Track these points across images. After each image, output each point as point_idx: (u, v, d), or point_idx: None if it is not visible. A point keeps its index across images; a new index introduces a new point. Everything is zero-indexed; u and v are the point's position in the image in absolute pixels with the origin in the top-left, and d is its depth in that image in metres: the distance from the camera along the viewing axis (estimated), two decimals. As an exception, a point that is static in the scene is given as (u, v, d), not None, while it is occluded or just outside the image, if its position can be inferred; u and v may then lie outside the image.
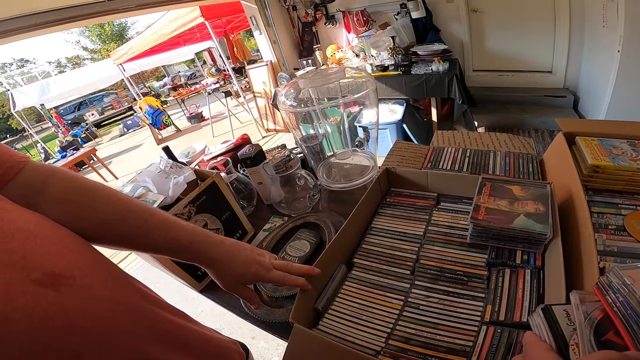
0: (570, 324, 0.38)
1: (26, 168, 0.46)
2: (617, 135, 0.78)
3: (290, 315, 0.54)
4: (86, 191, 0.49)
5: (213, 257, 0.55)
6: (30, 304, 0.33)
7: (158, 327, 0.47)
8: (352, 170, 1.07)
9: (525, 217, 0.60)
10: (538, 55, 3.12)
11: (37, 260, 0.36)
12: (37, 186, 0.45)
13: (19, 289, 0.33)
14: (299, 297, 0.57)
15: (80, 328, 0.36)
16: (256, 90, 4.52)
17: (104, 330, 0.38)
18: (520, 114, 3.10)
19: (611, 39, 2.23)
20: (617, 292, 0.35)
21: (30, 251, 0.36)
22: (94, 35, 17.90)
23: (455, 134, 1.07)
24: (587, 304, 0.38)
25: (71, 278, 0.38)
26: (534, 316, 0.41)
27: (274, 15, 3.94)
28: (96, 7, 2.51)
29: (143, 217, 0.51)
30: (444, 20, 3.38)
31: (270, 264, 0.58)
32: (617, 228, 0.61)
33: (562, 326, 0.38)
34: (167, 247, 0.52)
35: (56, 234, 0.41)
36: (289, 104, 0.94)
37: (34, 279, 0.34)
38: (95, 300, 0.39)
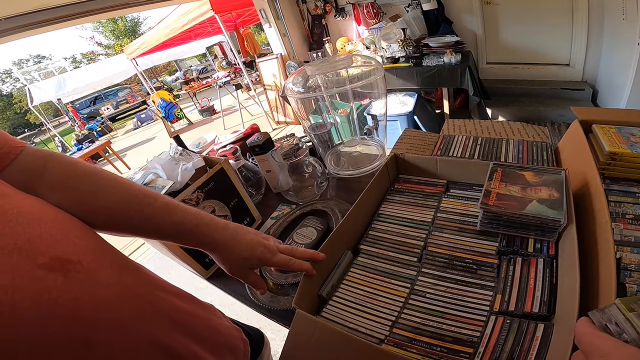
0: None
1: (24, 153, 0.45)
2: (636, 123, 0.75)
3: (293, 301, 0.53)
4: (86, 176, 0.48)
5: (218, 240, 0.54)
6: (39, 291, 0.32)
7: (166, 313, 0.46)
8: (360, 158, 1.06)
9: (538, 203, 0.58)
10: (555, 48, 3.03)
11: (42, 245, 0.35)
12: (36, 171, 0.45)
13: (27, 275, 0.32)
14: (302, 282, 0.56)
15: (90, 315, 0.35)
16: (266, 83, 4.52)
17: (113, 316, 0.37)
18: (536, 107, 3.01)
19: (631, 32, 2.16)
20: None
21: (35, 236, 0.35)
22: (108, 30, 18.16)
23: (467, 122, 1.04)
24: None
25: (78, 263, 0.37)
26: (613, 313, 0.34)
27: (284, 8, 3.92)
28: (108, 2, 2.54)
29: (146, 201, 0.50)
30: (456, 12, 3.30)
31: (275, 248, 0.57)
32: (634, 217, 0.58)
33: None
34: (172, 231, 0.51)
35: (59, 219, 0.41)
36: (296, 90, 0.93)
37: (41, 264, 0.33)
38: (103, 286, 0.38)
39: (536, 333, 0.46)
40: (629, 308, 0.32)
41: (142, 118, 9.61)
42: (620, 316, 0.33)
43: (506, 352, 0.45)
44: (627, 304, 0.33)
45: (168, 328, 0.45)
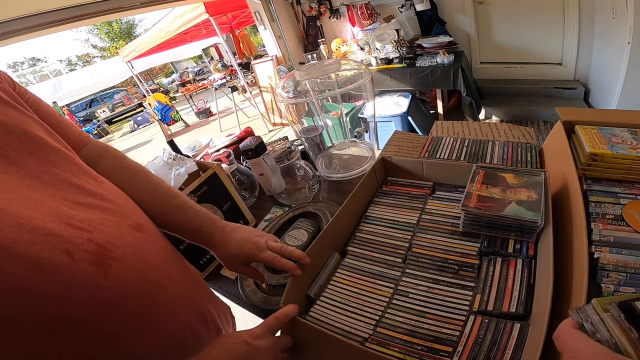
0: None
1: (90, 142, 0.58)
2: (619, 124, 0.76)
3: (281, 300, 0.55)
4: (127, 169, 0.59)
5: (214, 240, 0.61)
6: (134, 243, 0.44)
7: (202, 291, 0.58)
8: (350, 160, 1.07)
9: (517, 205, 0.60)
10: (547, 47, 3.06)
11: (126, 211, 0.47)
12: (94, 159, 0.55)
13: (125, 231, 0.44)
14: (290, 282, 0.58)
15: (159, 265, 0.47)
16: (262, 85, 4.54)
17: (168, 273, 0.48)
18: (529, 106, 3.05)
19: (621, 31, 2.19)
20: None
21: (122, 205, 0.47)
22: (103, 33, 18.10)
23: (455, 123, 1.06)
24: None
25: (146, 227, 0.49)
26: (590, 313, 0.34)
27: (278, 10, 3.93)
28: (102, 6, 2.54)
29: (166, 199, 0.59)
30: (449, 13, 3.33)
31: (264, 245, 0.61)
32: (615, 218, 0.60)
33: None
34: (180, 228, 0.60)
35: (125, 196, 0.52)
36: (286, 95, 0.95)
37: (130, 225, 0.46)
38: (162, 247, 0.51)
39: (512, 332, 0.48)
40: (604, 309, 0.34)
41: (138, 120, 9.58)
42: (595, 316, 0.34)
43: (484, 351, 0.47)
44: (603, 304, 0.34)
45: (200, 295, 0.57)
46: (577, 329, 0.35)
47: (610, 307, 0.33)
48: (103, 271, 0.37)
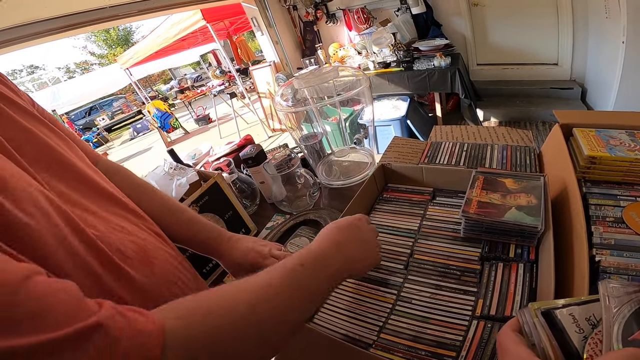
0: (579, 331, 0.32)
1: (101, 160, 0.62)
2: (617, 125, 0.77)
3: None
4: (138, 186, 0.63)
5: (221, 252, 0.65)
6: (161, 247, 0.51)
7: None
8: (350, 167, 1.08)
9: (516, 210, 0.60)
10: (542, 47, 3.08)
11: (149, 221, 0.54)
12: (108, 175, 0.57)
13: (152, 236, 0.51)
14: None
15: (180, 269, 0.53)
16: (261, 91, 4.55)
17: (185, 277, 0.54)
18: (527, 107, 3.06)
19: (615, 30, 2.20)
20: None
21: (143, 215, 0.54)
22: (100, 40, 18.14)
23: (454, 128, 1.07)
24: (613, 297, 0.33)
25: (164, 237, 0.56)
26: (526, 316, 0.36)
27: (275, 15, 3.95)
28: (98, 14, 2.56)
29: (176, 214, 0.63)
30: (445, 15, 3.35)
31: (268, 253, 0.64)
32: (615, 220, 0.60)
33: (570, 334, 0.32)
34: (188, 241, 0.64)
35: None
36: (285, 104, 0.95)
37: (155, 232, 0.53)
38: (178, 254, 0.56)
39: (515, 337, 0.48)
40: (535, 314, 0.35)
41: (138, 128, 9.59)
42: (531, 320, 0.35)
43: (487, 356, 0.47)
44: (536, 309, 0.35)
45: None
46: (517, 330, 0.36)
47: (538, 313, 0.35)
48: (149, 269, 0.45)
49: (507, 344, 0.35)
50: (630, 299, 0.32)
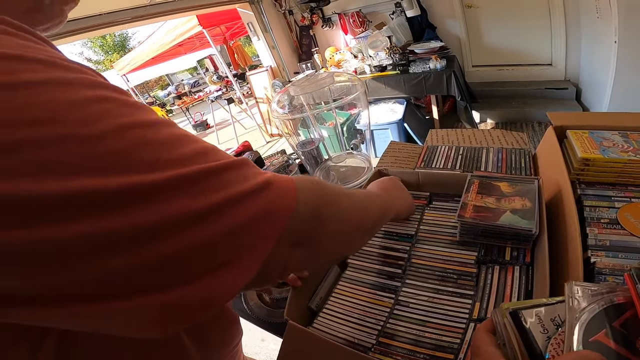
0: (544, 331, 0.33)
1: None
2: (610, 127, 0.78)
3: (284, 313, 0.56)
4: None
5: None
6: None
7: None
8: (348, 172, 1.09)
9: (511, 214, 0.61)
10: (536, 48, 3.11)
11: None
12: None
13: None
14: (291, 295, 0.60)
15: None
16: (258, 96, 4.56)
17: None
18: (522, 108, 3.08)
19: (607, 30, 2.22)
20: None
21: None
22: (97, 46, 18.13)
23: (449, 131, 1.08)
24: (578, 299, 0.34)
25: None
26: (497, 316, 0.37)
27: (271, 20, 3.98)
28: (93, 21, 2.57)
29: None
30: (439, 18, 3.38)
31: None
32: (609, 221, 0.60)
33: (535, 335, 0.33)
34: None
35: None
36: (281, 111, 0.96)
37: None
38: None
39: (511, 339, 0.49)
40: (504, 314, 0.35)
41: (135, 134, 9.58)
42: (501, 320, 0.36)
43: (485, 359, 0.48)
44: (505, 309, 0.36)
45: None
46: (490, 330, 0.37)
47: (507, 313, 0.35)
48: None
49: (478, 344, 0.36)
50: (596, 300, 0.33)
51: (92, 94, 0.23)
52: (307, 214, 0.33)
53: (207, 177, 0.25)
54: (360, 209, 0.47)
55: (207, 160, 0.26)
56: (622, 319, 0.32)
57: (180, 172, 0.24)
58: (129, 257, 0.21)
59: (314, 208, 0.35)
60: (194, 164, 0.25)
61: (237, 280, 0.27)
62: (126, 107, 0.24)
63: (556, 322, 0.34)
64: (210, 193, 0.25)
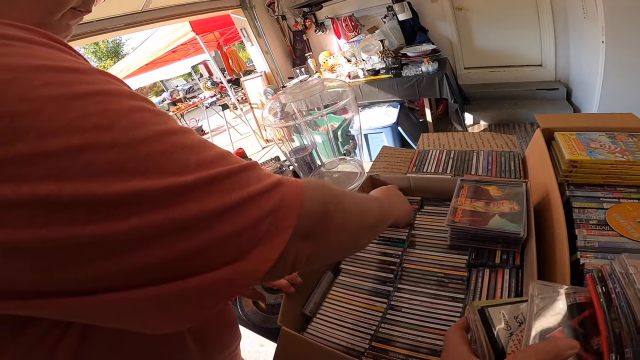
0: (507, 328, 0.36)
1: None
2: (597, 128, 0.78)
3: (278, 319, 0.57)
4: None
5: None
6: None
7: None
8: (341, 178, 1.09)
9: (499, 217, 0.62)
10: (526, 49, 3.14)
11: None
12: None
13: None
14: (285, 301, 0.61)
15: None
16: (253, 102, 4.57)
17: None
18: (514, 109, 3.11)
19: (594, 30, 2.24)
20: (616, 281, 0.33)
21: None
22: (90, 52, 18.05)
23: (440, 135, 1.09)
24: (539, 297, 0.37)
25: None
26: (470, 313, 0.39)
27: (264, 26, 3.99)
28: (85, 28, 2.57)
29: None
30: (430, 20, 3.41)
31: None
32: (598, 223, 0.60)
33: (499, 332, 0.36)
34: None
35: None
36: (273, 119, 0.97)
37: None
38: None
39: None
40: (475, 312, 0.38)
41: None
42: (472, 317, 0.38)
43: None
44: (475, 307, 0.39)
45: None
46: (465, 328, 0.40)
47: (476, 311, 0.38)
48: None
49: (449, 341, 0.40)
50: (556, 299, 0.35)
51: (134, 104, 0.26)
52: (314, 208, 0.36)
53: (230, 177, 0.29)
54: (362, 208, 0.51)
55: (229, 163, 0.30)
56: (580, 318, 0.34)
57: (209, 174, 0.27)
58: (164, 250, 0.24)
59: (321, 204, 0.38)
60: (218, 166, 0.28)
61: (261, 266, 0.30)
62: (159, 116, 0.28)
63: (519, 320, 0.36)
64: (235, 190, 0.28)
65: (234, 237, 0.28)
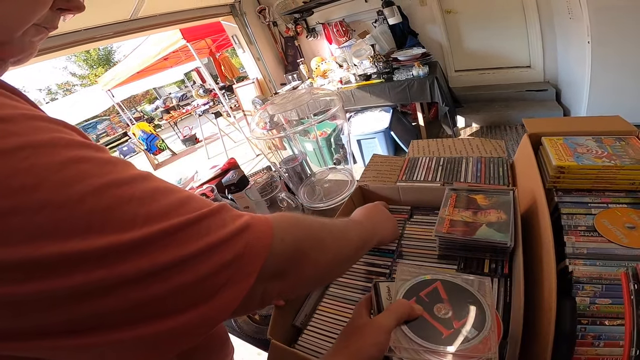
0: (389, 298, 0.51)
1: None
2: (584, 132, 0.78)
3: (267, 332, 0.56)
4: None
5: None
6: None
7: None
8: (331, 188, 1.09)
9: (487, 227, 0.62)
10: (515, 50, 3.17)
11: None
12: None
13: None
14: (274, 314, 0.60)
15: None
16: (246, 109, 4.57)
17: None
18: (505, 111, 3.14)
19: (580, 30, 2.27)
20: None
21: None
22: (81, 60, 17.92)
23: (430, 142, 1.09)
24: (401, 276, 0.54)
25: None
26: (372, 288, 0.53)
27: (256, 32, 4.00)
28: (73, 37, 2.55)
29: None
30: (420, 24, 3.44)
31: None
32: (587, 229, 0.60)
33: (382, 300, 0.51)
34: None
35: None
36: (260, 131, 0.97)
37: None
38: None
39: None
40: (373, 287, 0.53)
41: (124, 151, 9.41)
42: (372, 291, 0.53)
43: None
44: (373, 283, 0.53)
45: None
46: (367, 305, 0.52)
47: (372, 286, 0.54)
48: None
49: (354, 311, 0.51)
50: (413, 276, 0.53)
51: (70, 155, 0.25)
52: (286, 249, 0.36)
53: (188, 227, 0.28)
54: (341, 239, 0.50)
55: (187, 211, 0.29)
56: (427, 291, 0.51)
57: (161, 227, 0.26)
58: (117, 300, 0.24)
59: (293, 243, 0.38)
60: (174, 217, 0.28)
61: (223, 311, 0.30)
62: (102, 166, 0.27)
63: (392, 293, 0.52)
64: (192, 241, 0.28)
65: (193, 286, 0.28)
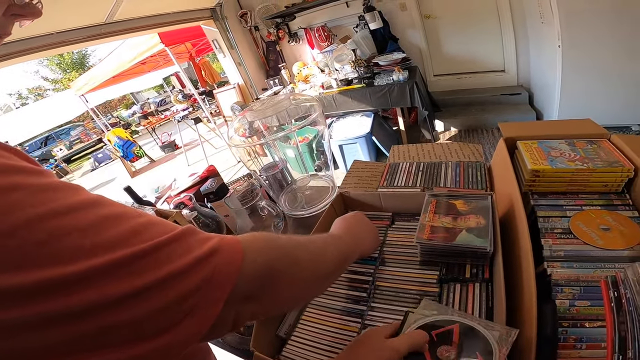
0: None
1: None
2: (557, 135, 0.80)
3: (250, 344, 0.55)
4: None
5: None
6: None
7: None
8: (312, 195, 1.08)
9: (467, 233, 0.63)
10: (490, 55, 3.27)
11: None
12: None
13: None
14: (256, 325, 0.59)
15: None
16: (226, 115, 4.51)
17: None
18: (482, 114, 3.22)
19: (551, 35, 2.35)
20: (628, 287, 0.36)
21: None
22: (53, 64, 17.26)
23: (410, 147, 1.10)
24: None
25: None
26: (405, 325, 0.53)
27: (237, 37, 3.97)
28: (46, 40, 2.46)
29: None
30: (401, 29, 3.50)
31: None
32: (563, 231, 0.61)
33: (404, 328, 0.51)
34: None
35: None
36: (238, 139, 0.95)
37: None
38: None
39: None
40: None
41: (99, 158, 9.10)
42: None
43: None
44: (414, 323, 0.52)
45: None
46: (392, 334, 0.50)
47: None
48: None
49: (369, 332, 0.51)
50: (433, 314, 0.53)
51: (2, 183, 0.23)
52: (257, 271, 0.35)
53: (144, 256, 0.27)
54: (318, 255, 0.49)
55: (143, 239, 0.28)
56: (440, 331, 0.49)
57: (111, 258, 0.25)
58: (61, 332, 0.23)
59: (266, 264, 0.37)
60: (126, 246, 0.26)
61: (191, 336, 0.29)
62: (40, 194, 0.25)
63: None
64: (149, 271, 0.27)
65: (152, 316, 0.27)
